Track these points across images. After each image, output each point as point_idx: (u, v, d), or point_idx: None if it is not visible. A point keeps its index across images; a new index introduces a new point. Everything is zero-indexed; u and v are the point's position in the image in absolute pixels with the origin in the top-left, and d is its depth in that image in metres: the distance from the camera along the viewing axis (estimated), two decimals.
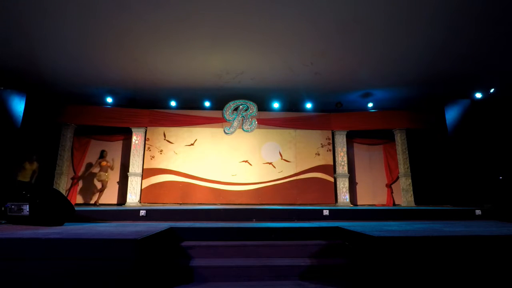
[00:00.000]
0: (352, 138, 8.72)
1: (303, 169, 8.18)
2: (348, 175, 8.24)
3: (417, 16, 4.71)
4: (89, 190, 8.05)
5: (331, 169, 8.24)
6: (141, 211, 4.51)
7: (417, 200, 7.83)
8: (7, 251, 2.10)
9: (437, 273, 2.14)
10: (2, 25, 4.89)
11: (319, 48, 5.69)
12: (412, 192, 7.92)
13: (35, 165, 6.77)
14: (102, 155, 7.66)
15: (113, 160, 7.78)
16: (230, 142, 8.19)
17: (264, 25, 5.00)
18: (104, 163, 7.53)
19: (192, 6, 4.50)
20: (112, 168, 7.71)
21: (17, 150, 6.37)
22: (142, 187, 7.78)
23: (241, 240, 3.07)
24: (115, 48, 5.65)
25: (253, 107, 8.15)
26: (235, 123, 8.18)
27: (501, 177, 6.32)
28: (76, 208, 4.13)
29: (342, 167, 8.23)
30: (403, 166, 8.13)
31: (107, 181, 7.57)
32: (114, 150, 8.45)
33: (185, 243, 2.98)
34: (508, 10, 4.51)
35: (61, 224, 3.43)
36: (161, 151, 8.07)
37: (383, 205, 8.36)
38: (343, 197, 8.03)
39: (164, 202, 7.69)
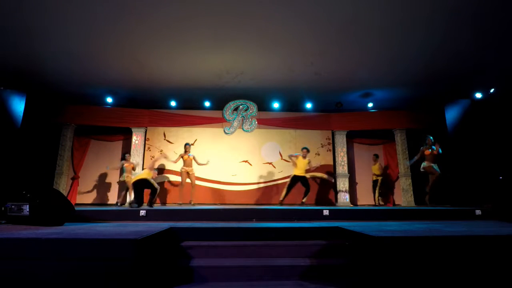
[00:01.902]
0: (352, 138, 8.72)
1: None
2: (348, 175, 8.24)
3: (416, 16, 4.71)
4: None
5: (331, 169, 8.24)
6: (141, 211, 4.51)
7: (417, 200, 7.83)
8: (7, 251, 2.10)
9: (437, 273, 2.14)
10: (3, 25, 4.90)
11: (319, 48, 5.69)
12: (412, 192, 7.93)
13: (132, 164, 7.17)
14: (124, 157, 7.35)
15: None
16: (230, 142, 8.19)
17: (264, 26, 5.00)
18: (126, 164, 7.25)
19: (193, 7, 4.50)
20: (134, 169, 7.39)
21: (17, 150, 6.36)
22: None
23: (241, 240, 3.07)
24: (115, 48, 5.65)
25: (253, 107, 8.15)
26: (235, 123, 8.18)
27: (501, 177, 6.31)
28: (76, 208, 4.13)
29: (342, 167, 8.23)
30: (403, 166, 8.13)
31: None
32: (114, 150, 8.45)
33: (185, 243, 2.98)
34: (508, 9, 4.51)
35: (61, 224, 3.42)
36: (161, 151, 8.06)
37: (383, 205, 8.35)
38: (343, 197, 8.03)
39: (164, 202, 7.70)
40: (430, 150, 6.45)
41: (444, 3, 4.43)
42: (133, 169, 7.34)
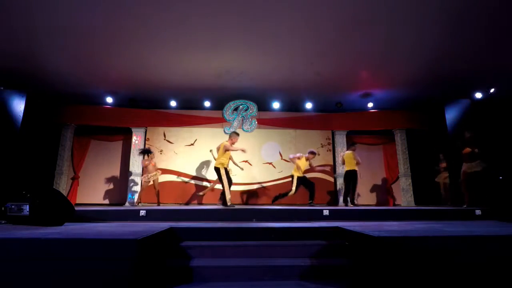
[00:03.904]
0: (352, 138, 8.71)
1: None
2: None
3: (417, 16, 4.71)
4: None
5: (331, 169, 8.23)
6: (141, 211, 4.51)
7: (417, 200, 7.83)
8: (6, 251, 2.10)
9: (437, 273, 2.14)
10: (2, 25, 4.90)
11: (319, 48, 5.69)
12: (412, 192, 7.93)
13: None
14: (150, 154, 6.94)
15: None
16: None
17: (264, 26, 4.99)
18: (146, 163, 6.92)
19: (193, 7, 4.50)
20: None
21: (17, 151, 6.36)
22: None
23: (241, 240, 3.07)
24: (115, 48, 5.64)
25: (253, 107, 8.14)
26: (235, 123, 8.18)
27: (501, 177, 6.30)
28: (76, 208, 4.13)
29: (342, 167, 8.21)
30: (403, 166, 8.13)
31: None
32: (114, 150, 8.45)
33: (185, 243, 2.98)
34: (508, 9, 4.51)
35: (61, 224, 3.42)
36: (161, 151, 8.07)
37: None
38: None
39: (164, 202, 7.69)
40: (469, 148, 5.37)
41: (445, 4, 4.42)
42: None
